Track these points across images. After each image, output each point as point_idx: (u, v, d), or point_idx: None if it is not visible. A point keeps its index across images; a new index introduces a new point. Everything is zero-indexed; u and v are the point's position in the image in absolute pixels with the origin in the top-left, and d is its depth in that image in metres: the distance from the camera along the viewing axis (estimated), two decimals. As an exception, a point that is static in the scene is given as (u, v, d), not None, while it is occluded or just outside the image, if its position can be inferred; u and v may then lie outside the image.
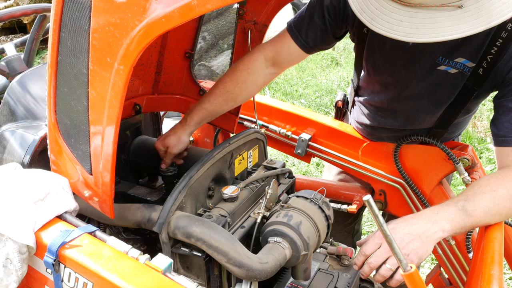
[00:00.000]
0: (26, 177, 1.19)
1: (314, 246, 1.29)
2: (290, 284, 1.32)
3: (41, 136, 1.42)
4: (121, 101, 0.98)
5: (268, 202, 1.37)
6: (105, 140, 1.05)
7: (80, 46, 1.05)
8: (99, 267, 1.01)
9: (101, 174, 1.09)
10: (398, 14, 1.13)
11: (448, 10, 1.08)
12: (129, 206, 1.30)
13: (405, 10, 1.12)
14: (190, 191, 1.27)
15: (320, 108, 5.14)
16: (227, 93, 1.55)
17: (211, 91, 1.57)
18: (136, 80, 1.71)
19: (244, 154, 1.57)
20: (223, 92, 1.55)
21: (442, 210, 1.19)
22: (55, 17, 1.11)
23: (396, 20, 1.13)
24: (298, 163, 4.00)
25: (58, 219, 1.16)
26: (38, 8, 2.03)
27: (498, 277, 1.07)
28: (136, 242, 1.45)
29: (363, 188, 1.90)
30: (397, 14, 1.13)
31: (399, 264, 0.96)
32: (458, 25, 1.08)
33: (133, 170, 1.71)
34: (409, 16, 1.11)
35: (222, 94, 1.55)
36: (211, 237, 1.13)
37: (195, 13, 0.91)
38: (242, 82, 1.55)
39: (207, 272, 1.20)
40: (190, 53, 1.79)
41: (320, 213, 1.32)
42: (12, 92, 1.60)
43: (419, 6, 1.10)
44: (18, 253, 1.07)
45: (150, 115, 1.88)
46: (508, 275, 2.74)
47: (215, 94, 1.56)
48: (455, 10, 1.08)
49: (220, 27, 3.76)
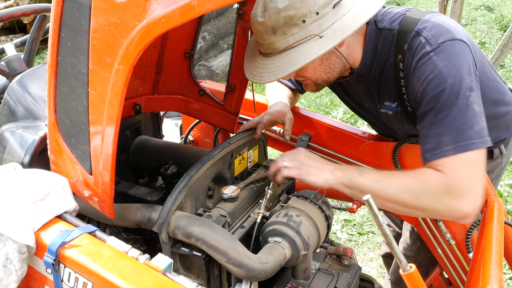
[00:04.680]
0: (26, 177, 1.19)
1: (314, 246, 1.29)
2: (290, 284, 1.32)
3: (41, 136, 1.42)
4: (121, 101, 0.98)
5: (268, 202, 1.37)
6: (105, 140, 1.05)
7: (80, 46, 1.05)
8: (99, 267, 1.01)
9: (101, 174, 1.09)
10: (256, 61, 1.36)
11: (273, 58, 1.30)
12: (129, 206, 1.30)
13: (260, 59, 1.34)
14: (190, 191, 1.27)
15: (320, 108, 5.14)
16: None
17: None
18: (136, 80, 1.70)
19: (244, 154, 1.57)
20: None
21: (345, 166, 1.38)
22: (55, 17, 1.11)
23: (255, 67, 1.35)
24: (298, 163, 4.00)
25: (58, 219, 1.16)
26: (38, 8, 2.03)
27: (498, 277, 1.07)
28: (136, 242, 1.45)
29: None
30: (256, 61, 1.36)
31: (399, 264, 0.96)
32: (263, 72, 1.31)
33: (133, 170, 1.71)
34: (257, 64, 1.35)
35: None
36: (211, 237, 1.13)
37: (195, 13, 0.91)
38: None
39: (207, 272, 1.20)
40: (190, 53, 1.79)
41: (320, 213, 1.32)
42: (12, 92, 1.60)
43: (264, 55, 1.33)
44: (18, 253, 1.07)
45: (150, 115, 1.88)
46: (508, 275, 2.74)
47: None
48: (270, 58, 1.31)
49: (220, 27, 3.77)
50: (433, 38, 1.27)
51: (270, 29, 1.24)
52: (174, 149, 1.70)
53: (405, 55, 1.34)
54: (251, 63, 1.38)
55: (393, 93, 1.45)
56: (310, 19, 1.22)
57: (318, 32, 1.22)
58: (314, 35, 1.23)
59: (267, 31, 1.25)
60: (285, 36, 1.24)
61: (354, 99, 1.66)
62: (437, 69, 1.24)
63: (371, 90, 1.52)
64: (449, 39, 1.26)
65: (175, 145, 1.83)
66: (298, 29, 1.23)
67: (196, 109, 1.89)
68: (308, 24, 1.22)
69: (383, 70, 1.43)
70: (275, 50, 1.28)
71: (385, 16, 1.41)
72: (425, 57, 1.27)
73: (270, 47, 1.28)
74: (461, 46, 1.27)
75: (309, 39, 1.23)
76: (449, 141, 1.22)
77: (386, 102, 1.50)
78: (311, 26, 1.22)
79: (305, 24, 1.22)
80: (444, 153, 1.22)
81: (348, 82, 1.59)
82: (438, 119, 1.24)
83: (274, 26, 1.23)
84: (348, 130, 1.82)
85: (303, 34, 1.23)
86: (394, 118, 1.53)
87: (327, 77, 1.41)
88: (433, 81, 1.24)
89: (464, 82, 1.23)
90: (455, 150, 1.21)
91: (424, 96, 1.27)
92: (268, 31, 1.25)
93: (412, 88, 1.33)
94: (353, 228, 3.30)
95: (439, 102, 1.24)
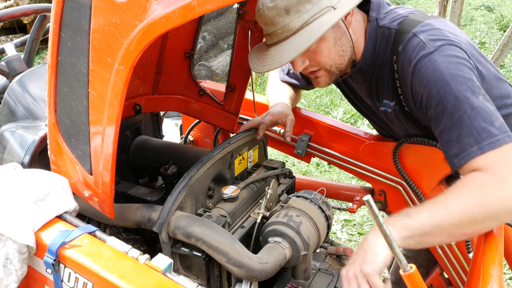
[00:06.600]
0: (26, 177, 1.19)
1: (314, 246, 1.29)
2: (290, 284, 1.32)
3: (41, 136, 1.42)
4: (121, 101, 0.98)
5: (268, 202, 1.37)
6: (105, 140, 1.05)
7: (80, 46, 1.05)
8: (99, 267, 1.01)
9: (101, 174, 1.09)
10: (268, 53, 1.35)
11: (289, 40, 1.29)
12: (129, 206, 1.30)
13: (271, 49, 1.33)
14: (190, 191, 1.27)
15: (320, 108, 5.14)
16: None
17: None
18: (136, 80, 1.70)
19: (244, 154, 1.57)
20: None
21: (386, 220, 1.14)
22: (55, 17, 1.11)
23: (269, 57, 1.34)
24: (298, 163, 4.00)
25: (58, 219, 1.16)
26: (38, 8, 2.03)
27: (498, 277, 1.07)
28: (136, 242, 1.45)
29: (363, 188, 1.90)
30: (263, 53, 1.36)
31: (399, 264, 0.96)
32: (281, 55, 1.30)
33: (133, 170, 1.71)
34: (270, 54, 1.34)
35: None
36: (211, 237, 1.13)
37: (195, 13, 0.91)
38: None
39: (207, 272, 1.20)
40: (190, 53, 1.79)
41: (320, 213, 1.32)
42: (12, 92, 1.60)
43: (277, 43, 1.32)
44: (18, 253, 1.07)
45: (150, 115, 1.88)
46: (508, 275, 2.74)
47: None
48: (286, 42, 1.30)
49: (220, 27, 3.77)
50: (431, 42, 1.27)
51: (283, 10, 1.26)
52: (174, 149, 1.70)
53: (399, 57, 1.34)
54: (261, 59, 1.38)
55: (390, 92, 1.46)
56: None
57: (331, 4, 1.25)
58: (329, 7, 1.25)
59: (280, 13, 1.26)
60: (300, 13, 1.26)
61: (357, 96, 1.67)
62: (438, 70, 1.23)
63: (371, 88, 1.52)
64: (447, 44, 1.26)
65: (175, 145, 1.83)
66: (311, 5, 1.25)
67: (196, 109, 1.89)
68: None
69: (381, 68, 1.44)
70: (290, 32, 1.28)
71: (388, 15, 1.42)
72: (424, 59, 1.26)
73: (285, 30, 1.28)
74: (458, 50, 1.26)
75: (324, 12, 1.25)
76: (472, 142, 1.18)
77: (384, 100, 1.50)
78: (323, 0, 1.25)
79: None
80: (470, 155, 1.18)
81: (351, 79, 1.60)
82: (454, 122, 1.21)
83: (287, 6, 1.25)
84: (348, 130, 1.82)
85: (317, 9, 1.25)
86: (393, 116, 1.53)
87: (340, 62, 1.41)
88: (437, 83, 1.23)
89: (470, 81, 1.22)
90: (480, 150, 1.16)
91: (430, 100, 1.26)
92: (282, 13, 1.26)
93: (415, 92, 1.32)
94: (353, 228, 3.30)
95: (449, 103, 1.21)
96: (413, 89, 1.33)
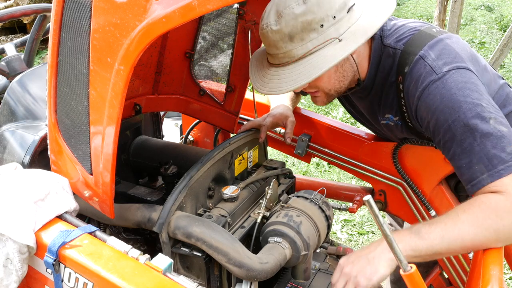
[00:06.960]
0: (26, 177, 1.19)
1: (314, 246, 1.29)
2: (290, 284, 1.32)
3: (41, 136, 1.42)
4: (122, 101, 0.98)
5: (268, 202, 1.37)
6: (105, 140, 1.05)
7: (80, 46, 1.05)
8: (99, 267, 1.01)
9: (101, 174, 1.09)
10: (268, 74, 1.33)
11: (290, 66, 1.27)
12: (129, 206, 1.30)
13: (272, 71, 1.32)
14: (190, 191, 1.27)
15: (320, 108, 5.14)
16: None
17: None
18: (136, 80, 1.70)
19: (244, 154, 1.57)
20: None
21: (395, 234, 1.15)
22: (55, 17, 1.11)
23: (269, 80, 1.32)
24: (298, 163, 4.00)
25: (58, 219, 1.16)
26: (38, 8, 2.03)
27: (498, 277, 1.07)
28: (136, 242, 1.45)
29: (363, 188, 1.90)
30: (268, 74, 1.33)
31: (399, 264, 0.96)
32: (281, 82, 1.28)
33: (133, 170, 1.71)
34: (270, 75, 1.32)
35: None
36: (211, 237, 1.13)
37: (195, 13, 0.91)
38: None
39: (207, 272, 1.20)
40: (190, 53, 1.79)
41: (320, 213, 1.32)
42: (12, 92, 1.60)
43: (278, 66, 1.30)
44: (18, 253, 1.07)
45: (150, 115, 1.88)
46: (508, 275, 2.74)
47: None
48: (287, 67, 1.28)
49: (220, 27, 3.77)
50: (438, 67, 1.25)
51: (287, 36, 1.23)
52: (174, 149, 1.70)
53: (406, 78, 1.32)
54: (262, 77, 1.35)
55: (394, 108, 1.45)
56: (328, 23, 1.21)
57: (336, 35, 1.22)
58: (334, 39, 1.22)
59: (283, 38, 1.23)
60: (303, 42, 1.23)
61: (356, 108, 1.66)
62: (446, 98, 1.21)
63: (373, 103, 1.51)
64: (454, 68, 1.24)
65: (175, 145, 1.83)
66: (317, 34, 1.22)
67: (196, 109, 1.89)
68: (326, 28, 1.22)
69: (384, 86, 1.42)
70: (292, 58, 1.26)
71: (393, 32, 1.39)
72: (431, 86, 1.25)
73: (287, 56, 1.26)
74: (466, 73, 1.24)
75: (328, 43, 1.23)
76: (483, 169, 1.17)
77: (387, 115, 1.50)
78: (329, 30, 1.22)
79: (323, 28, 1.22)
80: (481, 182, 1.17)
81: (351, 94, 1.58)
82: (463, 149, 1.20)
83: (291, 33, 1.22)
84: (348, 130, 1.83)
85: (322, 39, 1.22)
86: (395, 128, 1.52)
87: (340, 86, 1.40)
88: (445, 111, 1.21)
89: (479, 106, 1.19)
90: (491, 177, 1.15)
91: (438, 127, 1.24)
92: (285, 39, 1.23)
93: (421, 117, 1.31)
94: (353, 228, 3.30)
95: (458, 131, 1.20)
96: (418, 113, 1.32)
